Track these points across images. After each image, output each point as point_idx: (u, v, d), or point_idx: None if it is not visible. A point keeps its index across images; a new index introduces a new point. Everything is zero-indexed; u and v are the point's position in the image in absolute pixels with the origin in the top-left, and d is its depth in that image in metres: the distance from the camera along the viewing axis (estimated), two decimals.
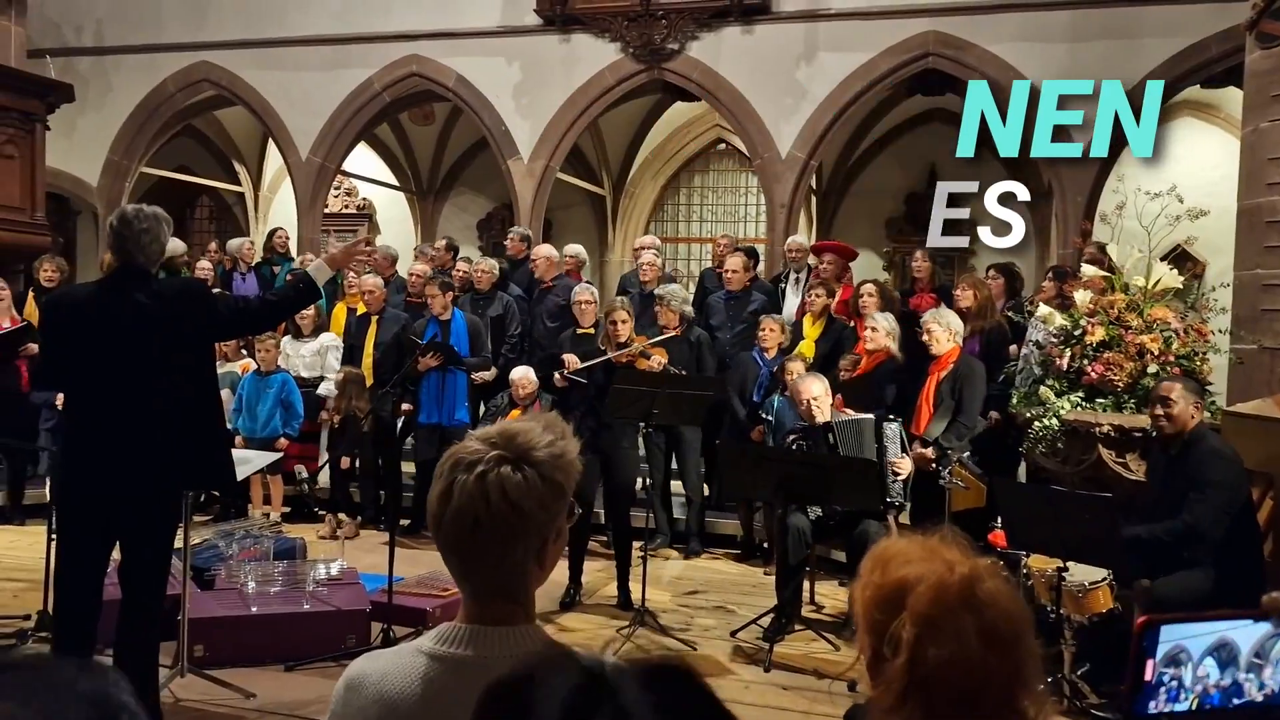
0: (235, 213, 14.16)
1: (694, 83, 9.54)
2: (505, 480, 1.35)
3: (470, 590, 1.40)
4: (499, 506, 1.34)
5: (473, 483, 1.34)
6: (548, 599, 5.69)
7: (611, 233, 13.10)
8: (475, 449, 1.37)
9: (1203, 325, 5.20)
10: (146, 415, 3.35)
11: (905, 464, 5.21)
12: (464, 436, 1.48)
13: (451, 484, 1.35)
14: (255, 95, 10.56)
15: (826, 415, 5.32)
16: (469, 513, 1.34)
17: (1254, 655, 1.38)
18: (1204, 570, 4.02)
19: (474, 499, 1.34)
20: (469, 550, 1.37)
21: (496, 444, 1.37)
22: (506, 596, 1.40)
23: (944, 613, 1.25)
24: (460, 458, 1.37)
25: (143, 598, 3.42)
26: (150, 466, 3.34)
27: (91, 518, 3.40)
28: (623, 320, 5.65)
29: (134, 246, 3.42)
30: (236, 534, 5.57)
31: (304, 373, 7.53)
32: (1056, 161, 8.57)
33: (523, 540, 1.38)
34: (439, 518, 1.37)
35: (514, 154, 9.96)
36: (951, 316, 5.90)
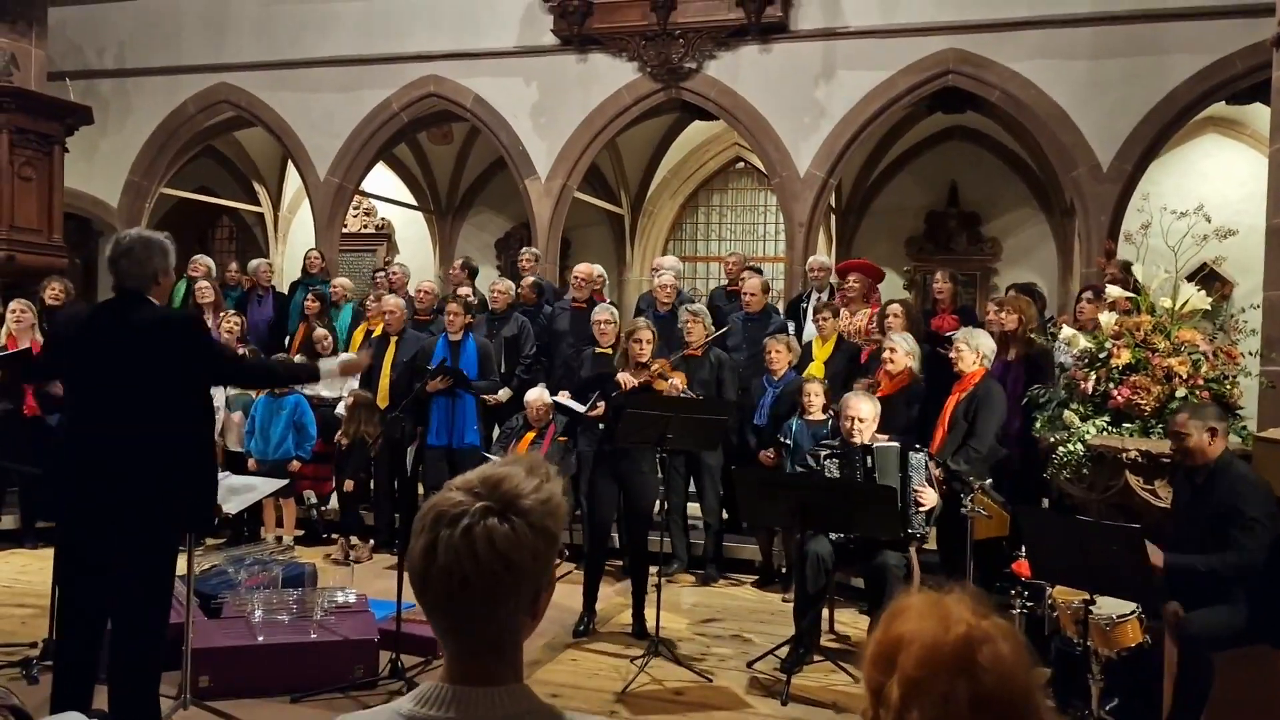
0: (255, 233, 14.22)
1: (712, 102, 9.48)
2: (494, 533, 1.26)
3: (456, 649, 1.31)
4: (489, 563, 1.26)
5: (459, 538, 1.25)
6: (561, 627, 5.61)
7: (630, 252, 13.05)
8: (458, 500, 1.28)
9: (1232, 348, 5.05)
10: (127, 442, 3.28)
11: (929, 495, 5.06)
12: (472, 459, 1.40)
13: (435, 540, 1.26)
14: (274, 116, 10.60)
15: (867, 438, 5.21)
16: (456, 571, 1.25)
17: None
18: (1236, 605, 3.88)
19: (461, 556, 1.25)
20: (458, 609, 1.28)
21: (480, 493, 1.28)
22: (495, 654, 1.31)
23: (932, 675, 1.14)
24: (442, 510, 1.27)
25: (130, 630, 3.34)
26: (127, 497, 3.27)
27: (77, 545, 3.34)
28: (647, 340, 5.56)
29: (122, 270, 3.38)
30: (246, 560, 5.50)
31: (325, 393, 7.49)
32: (1079, 179, 8.43)
33: (515, 595, 1.30)
34: (423, 576, 1.27)
35: (531, 173, 9.93)
36: (983, 338, 5.78)
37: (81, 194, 10.68)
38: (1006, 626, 1.21)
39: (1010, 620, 4.43)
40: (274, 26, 10.55)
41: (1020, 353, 6.13)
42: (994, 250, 11.87)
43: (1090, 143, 8.40)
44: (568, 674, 4.95)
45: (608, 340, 6.45)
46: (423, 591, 1.28)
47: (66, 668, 3.41)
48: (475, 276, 9.36)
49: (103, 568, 3.35)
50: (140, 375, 3.35)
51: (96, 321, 3.50)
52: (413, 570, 1.29)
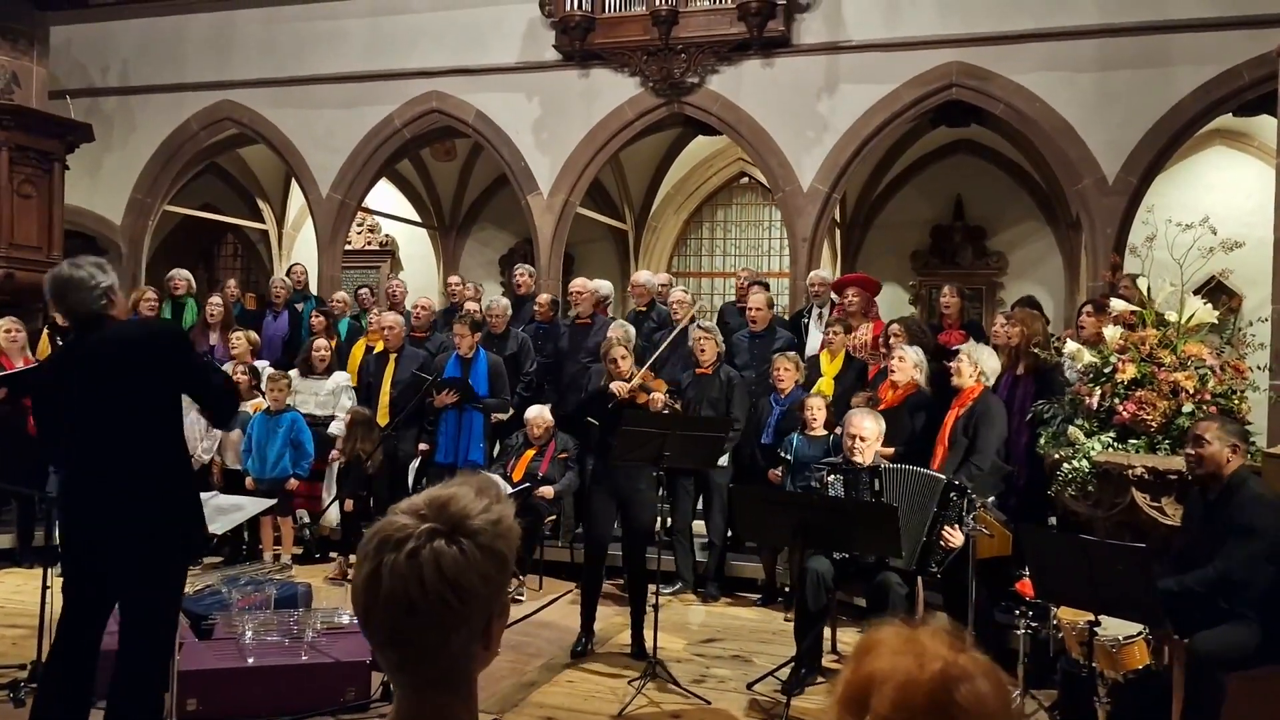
0: (260, 250, 14.23)
1: (714, 116, 9.45)
2: (440, 556, 1.20)
3: (405, 684, 1.25)
4: (435, 587, 1.19)
5: (404, 562, 1.19)
6: (560, 647, 5.53)
7: (634, 267, 12.98)
8: (403, 524, 1.22)
9: (1240, 362, 4.96)
10: (112, 466, 3.23)
11: (957, 537, 4.79)
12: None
13: (379, 566, 1.20)
14: (277, 133, 10.60)
15: (868, 459, 5.07)
16: (402, 598, 1.19)
17: None
18: (1248, 624, 3.78)
19: (406, 581, 1.19)
20: (405, 640, 1.22)
21: (426, 515, 1.22)
22: (445, 688, 1.25)
23: (907, 717, 1.06)
24: (387, 535, 1.21)
25: (130, 655, 3.28)
26: (114, 520, 3.22)
27: (76, 567, 3.29)
28: (622, 357, 5.49)
29: (71, 304, 3.32)
30: (241, 579, 5.44)
31: (316, 411, 7.44)
32: (1085, 192, 8.35)
33: (465, 623, 1.23)
34: (367, 607, 1.21)
35: (534, 189, 9.90)
36: (986, 355, 5.68)
37: (85, 212, 10.70)
38: (985, 662, 1.13)
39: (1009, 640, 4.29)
40: (277, 44, 10.57)
41: (1029, 366, 6.03)
42: (1000, 264, 11.79)
43: (1096, 155, 8.33)
44: (564, 696, 4.86)
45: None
46: (367, 622, 1.22)
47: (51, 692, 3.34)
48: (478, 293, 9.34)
49: (102, 597, 3.31)
50: (122, 394, 3.28)
51: (68, 359, 3.44)
52: (356, 600, 1.23)
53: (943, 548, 4.84)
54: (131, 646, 3.30)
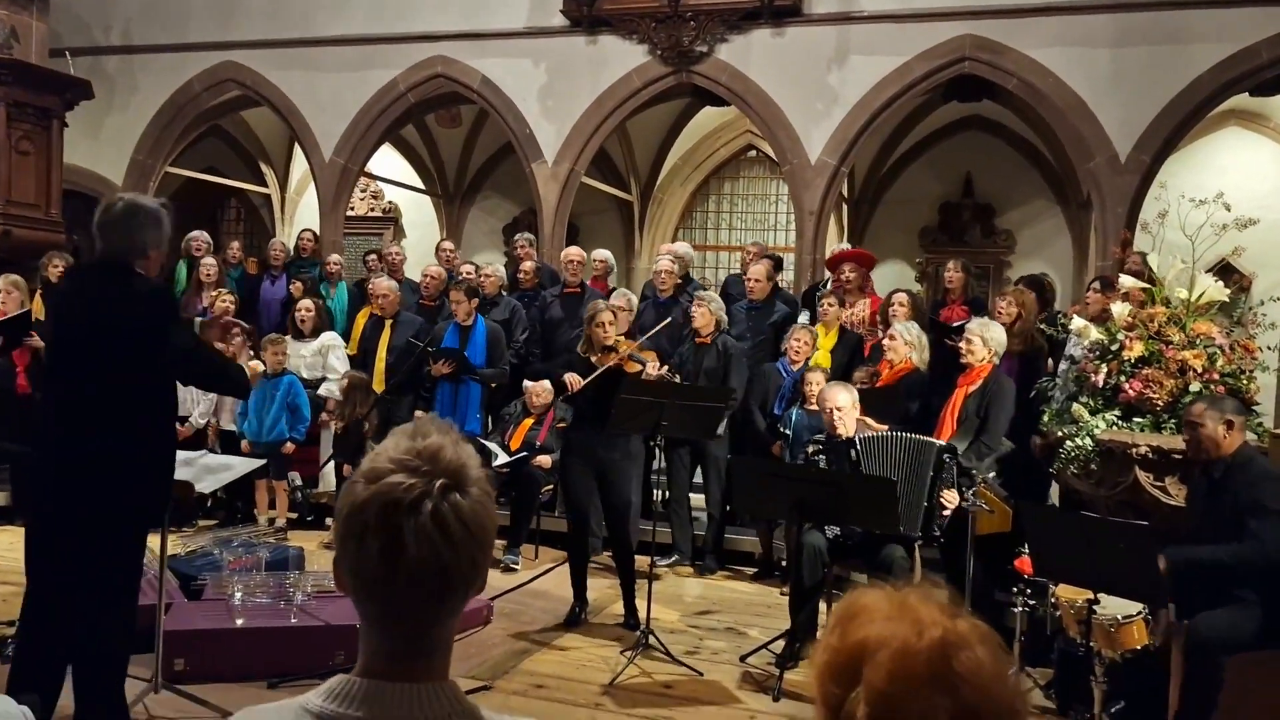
0: (263, 215, 14.14)
1: (722, 86, 9.31)
2: (459, 510, 1.12)
3: (389, 644, 1.15)
4: (465, 544, 1.12)
5: (429, 524, 1.10)
6: (552, 617, 5.50)
7: (639, 239, 12.90)
8: (408, 483, 1.11)
9: (1250, 342, 4.87)
10: (94, 420, 3.15)
11: (953, 498, 4.82)
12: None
13: (398, 533, 1.09)
14: (280, 96, 10.49)
15: (850, 429, 5.05)
16: (433, 562, 1.10)
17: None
18: (1249, 607, 3.72)
19: (436, 544, 1.10)
20: (425, 606, 1.14)
21: (429, 470, 1.12)
22: (429, 647, 1.17)
23: (906, 689, 0.97)
24: (393, 499, 1.10)
25: (91, 616, 3.20)
26: (91, 486, 3.13)
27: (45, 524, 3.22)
28: (609, 322, 5.38)
29: (108, 237, 3.22)
30: (233, 542, 5.40)
31: (305, 374, 7.39)
32: (1096, 170, 8.22)
33: (482, 573, 1.17)
34: (388, 578, 1.10)
35: (538, 157, 9.79)
36: (996, 330, 5.59)
37: (86, 172, 10.62)
38: (983, 629, 1.05)
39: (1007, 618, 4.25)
40: (281, 5, 10.44)
41: (1017, 348, 5.95)
42: (1008, 243, 11.67)
43: (1109, 133, 8.20)
44: (556, 664, 4.83)
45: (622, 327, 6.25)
46: (383, 593, 1.12)
47: (26, 649, 3.30)
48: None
49: (68, 554, 3.22)
50: (127, 349, 3.18)
51: (75, 290, 3.34)
52: (371, 576, 1.11)
53: (943, 512, 4.84)
54: (91, 611, 3.23)
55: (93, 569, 3.18)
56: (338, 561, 1.16)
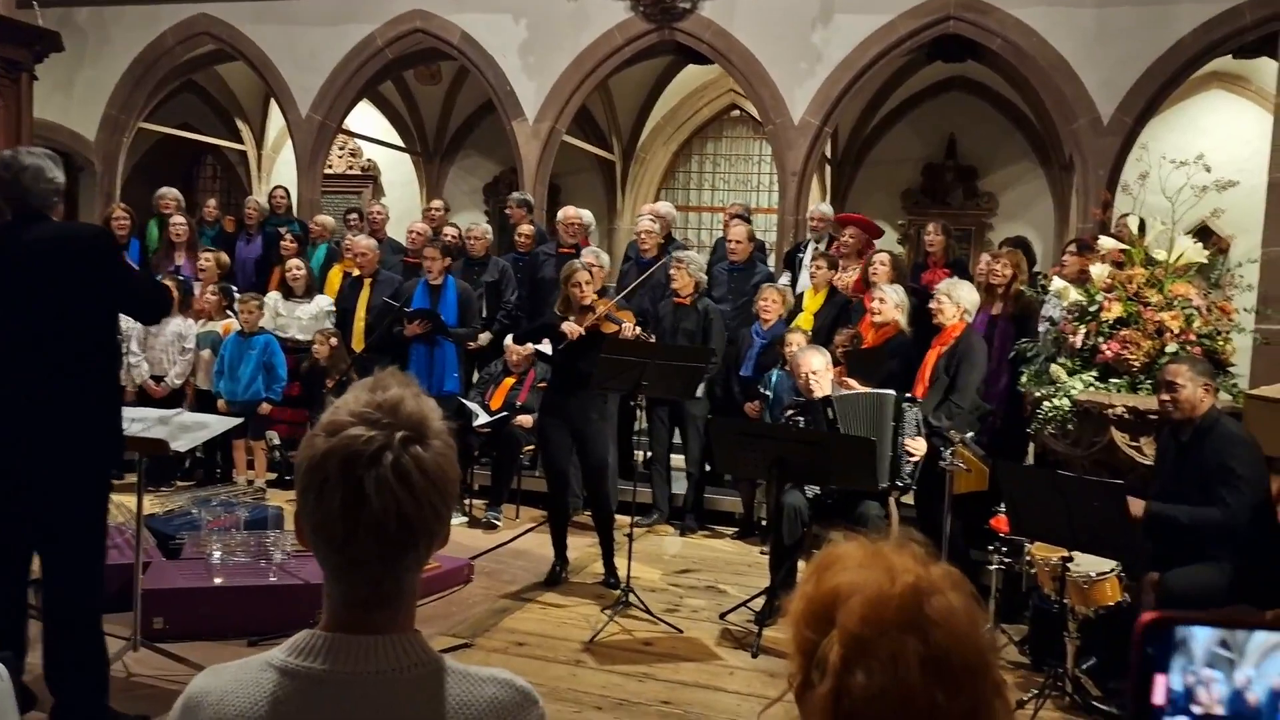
0: (239, 172, 13.95)
1: (705, 44, 9.20)
2: (421, 462, 1.12)
3: (351, 596, 1.15)
4: (427, 495, 1.12)
5: (390, 475, 1.09)
6: (533, 575, 5.52)
7: (621, 200, 12.82)
8: (368, 435, 1.11)
9: (1226, 303, 4.91)
10: (36, 376, 3.06)
11: (920, 446, 4.92)
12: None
13: (358, 485, 1.09)
14: (256, 50, 10.29)
15: (826, 390, 5.07)
16: (393, 513, 1.10)
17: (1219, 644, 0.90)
18: (1218, 564, 3.77)
19: (397, 495, 1.09)
20: (388, 556, 1.13)
21: (390, 422, 1.12)
22: (394, 599, 1.16)
23: (878, 632, 0.98)
24: (354, 451, 1.10)
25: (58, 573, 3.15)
26: (36, 433, 3.07)
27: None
28: (586, 282, 5.35)
29: (22, 189, 3.13)
30: (212, 501, 5.38)
31: (299, 335, 7.33)
32: (1079, 132, 8.21)
33: (445, 525, 1.17)
34: (349, 530, 1.10)
35: (519, 115, 9.67)
36: (965, 290, 5.62)
37: (58, 127, 10.41)
38: (956, 575, 1.06)
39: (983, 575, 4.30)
40: None
41: (1010, 309, 5.97)
42: (990, 205, 11.67)
43: (1092, 94, 8.17)
44: (536, 622, 4.86)
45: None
46: (345, 546, 1.11)
47: None
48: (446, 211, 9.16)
49: (22, 507, 3.16)
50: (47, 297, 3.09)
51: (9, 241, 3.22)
52: (331, 529, 1.11)
53: (910, 460, 4.90)
54: (56, 566, 3.19)
55: (53, 522, 3.13)
56: (298, 515, 1.16)
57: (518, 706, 1.19)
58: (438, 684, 1.16)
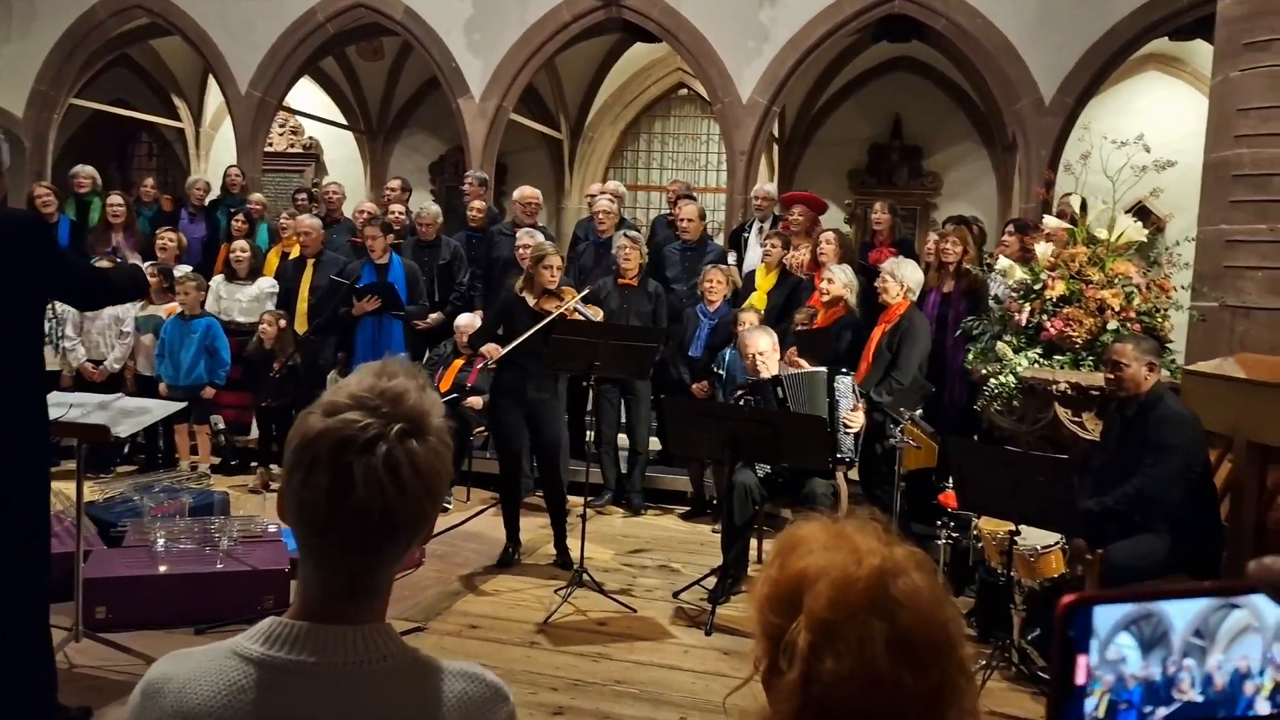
0: (176, 150, 13.59)
1: (653, 21, 9.16)
2: (414, 457, 1.09)
3: (328, 585, 1.13)
4: (415, 491, 1.09)
5: (380, 465, 1.07)
6: (485, 558, 5.49)
7: (569, 179, 12.74)
8: (363, 421, 1.08)
9: (1165, 281, 5.02)
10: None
11: (857, 418, 5.03)
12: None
13: (347, 471, 1.07)
14: (191, 24, 10.02)
15: (773, 370, 5.11)
16: (378, 504, 1.07)
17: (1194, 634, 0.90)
18: (1159, 535, 3.88)
19: (384, 486, 1.07)
20: (368, 546, 1.11)
21: (387, 412, 1.09)
22: (369, 592, 1.14)
23: (845, 616, 0.99)
24: (347, 435, 1.07)
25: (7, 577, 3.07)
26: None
27: None
28: (557, 266, 5.32)
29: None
30: (154, 488, 5.26)
31: (240, 318, 7.18)
32: (1022, 112, 8.33)
33: (427, 525, 1.15)
34: (330, 515, 1.08)
35: (465, 93, 9.55)
36: (909, 269, 5.70)
37: None
38: (920, 556, 1.07)
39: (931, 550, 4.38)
40: None
41: (963, 285, 6.05)
42: (935, 184, 11.81)
43: (1035, 76, 8.29)
44: (490, 605, 4.83)
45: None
46: (327, 531, 1.09)
47: None
48: (411, 197, 9.02)
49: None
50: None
51: None
52: (316, 511, 1.08)
53: (848, 431, 4.97)
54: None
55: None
56: (283, 491, 1.13)
57: (488, 702, 1.18)
58: (408, 677, 1.14)
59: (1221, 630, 0.88)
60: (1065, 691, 0.87)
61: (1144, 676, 0.87)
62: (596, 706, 3.75)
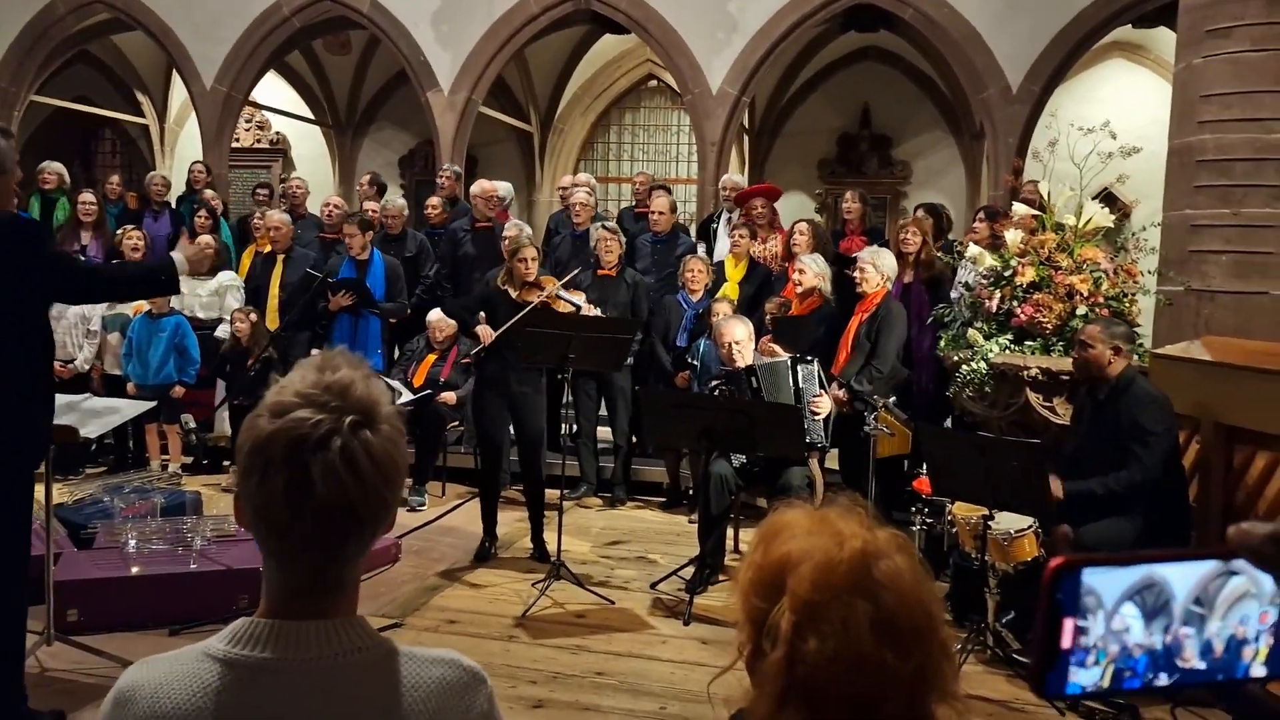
0: (140, 146, 13.41)
1: (622, 13, 9.14)
2: (370, 448, 1.08)
3: (291, 585, 1.12)
4: (374, 482, 1.08)
5: (338, 460, 1.06)
6: (462, 552, 5.48)
7: (540, 171, 12.69)
8: (315, 418, 1.06)
9: (1132, 266, 5.08)
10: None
11: (824, 403, 5.05)
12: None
13: (304, 470, 1.05)
14: (154, 18, 9.87)
15: (748, 359, 5.13)
16: (340, 499, 1.06)
17: (1194, 602, 0.92)
18: (1130, 517, 3.92)
19: (344, 481, 1.06)
20: (330, 543, 1.09)
21: (338, 405, 1.08)
22: (332, 587, 1.13)
23: (829, 597, 1.00)
24: (300, 434, 1.06)
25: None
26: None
27: None
28: (532, 258, 5.31)
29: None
30: (124, 488, 5.20)
31: (200, 314, 7.10)
32: (989, 101, 8.39)
33: (389, 515, 1.14)
34: (292, 515, 1.06)
35: (434, 86, 9.48)
36: (887, 258, 5.73)
37: None
38: (901, 538, 1.08)
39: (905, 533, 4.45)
40: None
41: (923, 274, 6.11)
42: (904, 173, 11.87)
43: (1001, 64, 8.35)
44: (468, 599, 4.82)
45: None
46: (287, 531, 1.08)
47: None
48: (384, 193, 8.95)
49: None
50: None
51: None
52: (270, 511, 1.07)
53: (815, 417, 4.99)
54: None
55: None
56: (239, 497, 1.12)
57: (466, 686, 1.17)
58: (384, 667, 1.14)
59: (1220, 597, 0.91)
60: (1050, 655, 0.88)
61: (1147, 645, 0.89)
62: (576, 698, 3.75)
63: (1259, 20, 4.90)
